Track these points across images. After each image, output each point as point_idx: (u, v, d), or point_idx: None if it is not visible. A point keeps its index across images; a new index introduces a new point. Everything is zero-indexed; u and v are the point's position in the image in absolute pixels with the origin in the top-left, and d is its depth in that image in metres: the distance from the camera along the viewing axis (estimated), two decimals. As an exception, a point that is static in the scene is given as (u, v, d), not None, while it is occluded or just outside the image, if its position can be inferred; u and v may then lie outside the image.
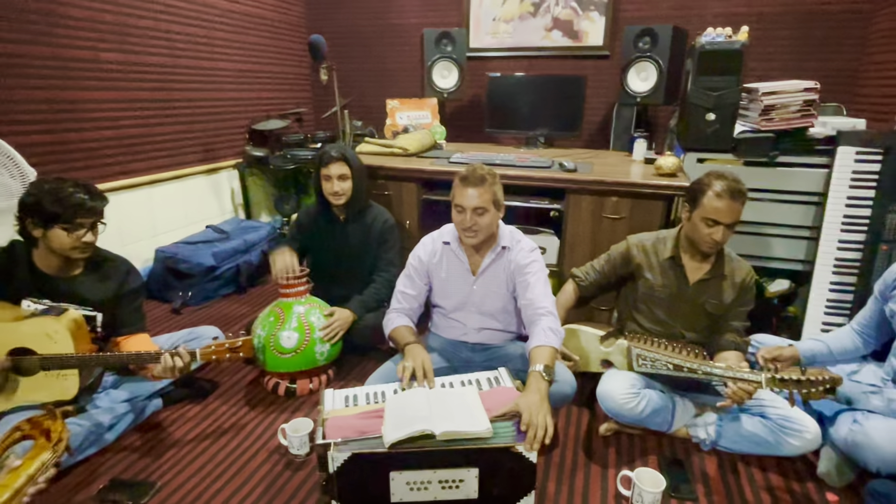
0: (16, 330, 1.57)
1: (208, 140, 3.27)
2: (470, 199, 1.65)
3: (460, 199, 1.67)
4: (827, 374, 1.43)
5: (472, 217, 1.66)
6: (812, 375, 1.43)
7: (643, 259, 1.83)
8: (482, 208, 1.66)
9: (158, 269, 2.84)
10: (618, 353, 1.82)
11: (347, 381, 2.11)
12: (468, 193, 1.65)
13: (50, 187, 1.58)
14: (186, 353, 1.63)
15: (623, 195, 2.22)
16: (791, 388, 1.46)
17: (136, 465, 1.64)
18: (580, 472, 1.63)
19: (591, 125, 3.44)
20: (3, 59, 2.13)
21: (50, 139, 2.33)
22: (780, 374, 1.47)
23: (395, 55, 3.84)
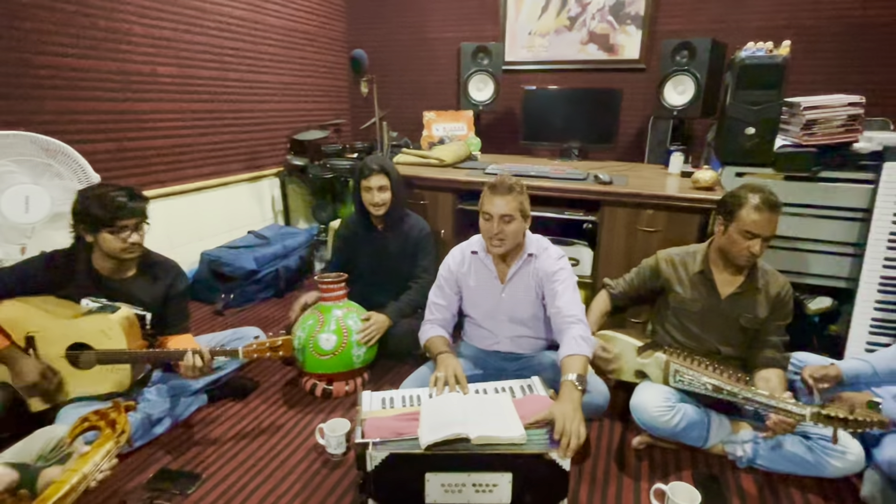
0: (75, 326, 1.68)
1: (252, 149, 3.41)
2: (497, 206, 1.69)
3: (488, 207, 1.71)
4: (876, 416, 1.38)
5: (500, 225, 1.70)
6: (860, 415, 1.38)
7: (672, 273, 1.83)
8: (509, 216, 1.69)
9: (203, 272, 2.97)
10: (654, 367, 1.81)
11: (382, 384, 2.16)
12: (496, 202, 1.69)
13: (94, 194, 1.68)
14: (207, 353, 1.70)
15: (659, 208, 2.22)
16: (837, 426, 1.42)
17: (182, 458, 1.72)
18: (612, 484, 1.63)
19: (625, 138, 3.43)
20: (74, 73, 2.29)
21: (111, 147, 2.49)
22: (826, 410, 1.42)
23: (432, 68, 3.93)
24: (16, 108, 2.09)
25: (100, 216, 1.64)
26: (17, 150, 1.83)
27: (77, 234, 1.71)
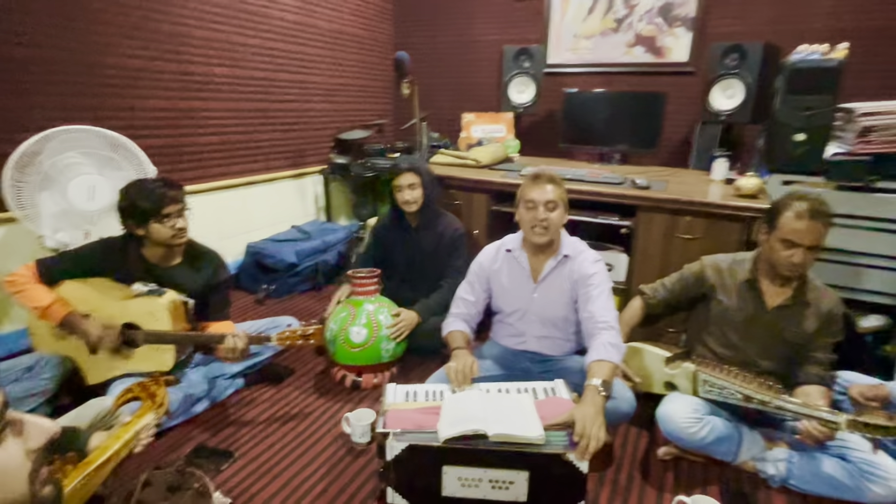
0: (126, 307, 1.81)
1: (298, 147, 3.55)
2: (542, 193, 1.70)
3: (532, 195, 1.72)
4: None
5: (545, 211, 1.70)
6: None
7: (717, 280, 1.77)
8: (553, 202, 1.70)
9: (248, 263, 3.12)
10: (683, 377, 1.77)
11: (409, 378, 2.20)
12: (540, 188, 1.71)
13: (136, 189, 1.78)
14: (245, 338, 1.78)
15: (698, 215, 2.16)
16: (876, 434, 1.35)
17: (217, 436, 1.82)
18: (634, 492, 1.60)
19: (670, 143, 3.34)
20: (138, 73, 2.47)
21: (169, 142, 2.66)
22: (862, 417, 1.36)
23: (475, 70, 3.96)
24: (86, 104, 2.28)
25: (146, 209, 1.75)
26: (86, 143, 1.99)
27: (128, 230, 1.82)
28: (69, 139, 1.94)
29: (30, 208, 1.93)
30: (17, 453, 0.51)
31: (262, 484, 1.59)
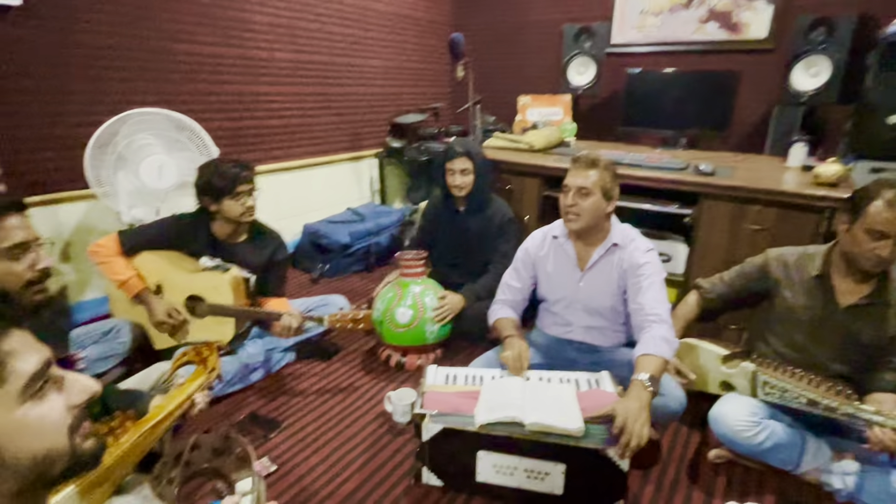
0: (194, 280, 1.93)
1: (354, 131, 3.62)
2: (576, 178, 1.63)
3: (567, 179, 1.66)
4: None
5: (575, 198, 1.64)
6: None
7: (783, 275, 1.63)
8: (587, 189, 1.62)
9: (305, 242, 3.23)
10: (741, 377, 1.65)
11: (453, 362, 2.21)
12: (575, 173, 1.64)
13: (212, 168, 1.90)
14: (300, 317, 1.85)
15: (768, 204, 2.00)
16: None
17: (269, 405, 1.92)
18: (680, 494, 1.53)
19: (743, 127, 3.10)
20: (204, 59, 2.60)
21: (231, 125, 2.79)
22: None
23: (533, 52, 3.85)
24: (157, 88, 2.43)
25: (221, 186, 1.87)
26: (156, 125, 2.13)
27: (202, 205, 1.95)
28: (141, 121, 2.07)
29: (108, 186, 2.09)
30: (58, 407, 0.56)
31: (306, 454, 1.66)
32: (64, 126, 2.17)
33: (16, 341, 0.54)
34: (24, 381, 0.53)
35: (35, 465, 0.54)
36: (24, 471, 0.53)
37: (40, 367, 0.55)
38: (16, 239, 1.09)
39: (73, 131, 2.17)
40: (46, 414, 0.55)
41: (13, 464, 0.52)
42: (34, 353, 0.55)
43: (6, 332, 0.54)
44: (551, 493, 1.39)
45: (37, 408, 0.54)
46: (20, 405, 0.53)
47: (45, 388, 0.55)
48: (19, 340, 0.55)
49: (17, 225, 1.10)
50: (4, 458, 0.52)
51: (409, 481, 1.55)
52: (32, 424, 0.54)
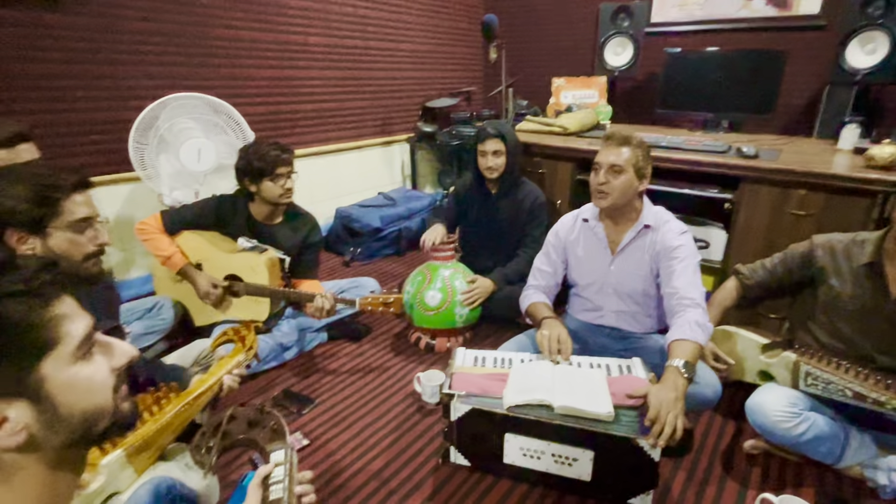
0: (232, 259, 1.99)
1: (386, 115, 3.62)
2: (607, 155, 1.59)
3: (598, 157, 1.63)
4: None
5: (606, 175, 1.60)
6: None
7: (829, 263, 1.56)
8: (618, 167, 1.58)
9: (337, 226, 3.28)
10: (781, 367, 1.60)
11: (482, 346, 2.21)
12: (606, 150, 1.60)
13: (253, 150, 1.95)
14: (332, 299, 1.89)
15: (815, 188, 1.90)
16: None
17: (302, 382, 1.97)
18: (713, 485, 1.50)
19: (790, 109, 2.95)
20: (241, 44, 2.64)
21: (266, 109, 2.84)
22: None
23: (568, 32, 3.75)
24: (195, 73, 2.49)
25: (261, 168, 1.92)
26: (195, 109, 2.18)
27: (242, 186, 2.00)
28: (181, 105, 2.13)
29: (150, 169, 2.16)
30: (103, 368, 0.60)
31: (337, 431, 1.71)
32: (109, 111, 2.25)
33: (67, 306, 0.58)
34: (77, 342, 0.57)
35: (83, 420, 0.58)
36: (75, 425, 0.57)
37: (88, 330, 0.59)
38: (81, 214, 1.16)
39: (117, 115, 2.26)
40: (94, 374, 0.59)
41: (66, 418, 0.56)
42: (83, 318, 0.59)
43: (60, 297, 0.57)
44: (579, 478, 1.39)
45: (86, 368, 0.58)
46: (73, 364, 0.57)
47: (93, 350, 0.59)
48: (70, 305, 0.58)
49: (82, 201, 1.17)
50: (59, 413, 0.55)
51: (437, 461, 1.57)
52: (83, 383, 0.57)
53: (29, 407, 0.54)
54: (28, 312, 0.53)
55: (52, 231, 1.13)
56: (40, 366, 0.54)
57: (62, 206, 1.13)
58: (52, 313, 0.55)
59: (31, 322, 0.54)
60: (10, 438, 0.52)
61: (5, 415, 0.52)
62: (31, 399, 0.54)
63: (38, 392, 0.54)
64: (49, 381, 0.54)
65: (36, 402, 0.54)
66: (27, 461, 0.55)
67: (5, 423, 0.52)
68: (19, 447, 0.53)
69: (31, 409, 0.54)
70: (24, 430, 0.53)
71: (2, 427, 0.52)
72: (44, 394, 0.54)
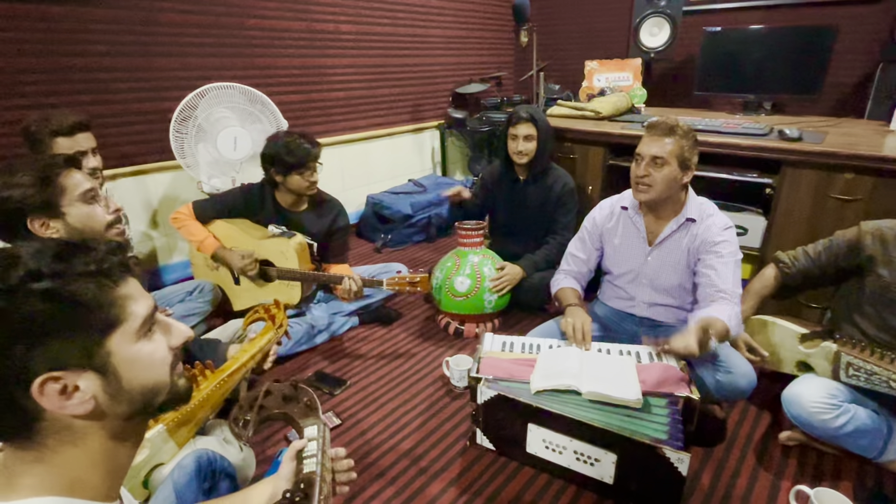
0: (262, 246, 2.05)
1: (416, 102, 3.63)
2: (650, 146, 1.53)
3: (640, 147, 1.56)
4: None
5: (647, 167, 1.54)
6: None
7: (878, 251, 1.48)
8: (662, 159, 1.51)
9: (368, 213, 3.33)
10: (821, 357, 1.54)
11: (511, 332, 2.19)
12: (649, 141, 1.54)
13: (283, 142, 1.96)
14: (360, 281, 1.92)
15: (862, 171, 1.81)
16: None
17: (334, 365, 2.03)
18: (745, 475, 1.47)
19: (839, 88, 2.80)
20: (273, 33, 2.69)
21: (299, 98, 2.89)
22: None
23: (602, 13, 3.65)
24: (231, 63, 2.55)
25: (291, 162, 1.95)
26: (231, 98, 2.24)
27: (268, 176, 2.04)
28: (218, 95, 2.19)
29: (190, 157, 2.24)
30: (162, 346, 0.65)
31: (369, 412, 1.75)
32: (151, 101, 2.34)
33: (132, 287, 0.62)
34: (141, 320, 0.61)
35: (144, 393, 0.62)
36: (136, 397, 0.62)
37: (150, 310, 0.63)
38: (85, 186, 1.23)
39: (158, 105, 2.34)
40: (154, 351, 0.63)
41: (128, 390, 0.61)
42: (145, 299, 0.63)
43: (125, 279, 0.62)
44: (601, 479, 1.36)
45: (148, 345, 0.63)
46: (136, 341, 0.61)
47: (154, 328, 0.64)
48: (134, 286, 0.63)
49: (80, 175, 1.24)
50: (122, 385, 0.60)
51: (465, 443, 1.60)
52: (144, 359, 0.62)
53: (97, 378, 0.58)
54: (99, 291, 0.58)
55: (67, 209, 1.20)
56: (108, 341, 0.58)
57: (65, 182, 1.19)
58: (120, 293, 0.60)
59: (101, 300, 0.58)
60: (81, 406, 0.57)
61: (76, 384, 0.57)
62: (98, 371, 0.58)
63: (106, 365, 0.58)
64: (115, 355, 0.59)
65: (103, 375, 0.58)
66: (94, 428, 0.60)
67: (76, 391, 0.57)
68: (88, 414, 0.58)
69: (98, 381, 0.58)
70: (92, 400, 0.58)
71: (74, 395, 0.57)
72: (110, 367, 0.59)
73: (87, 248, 0.59)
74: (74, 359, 0.56)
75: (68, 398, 0.56)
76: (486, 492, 1.43)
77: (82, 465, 0.60)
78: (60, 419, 0.57)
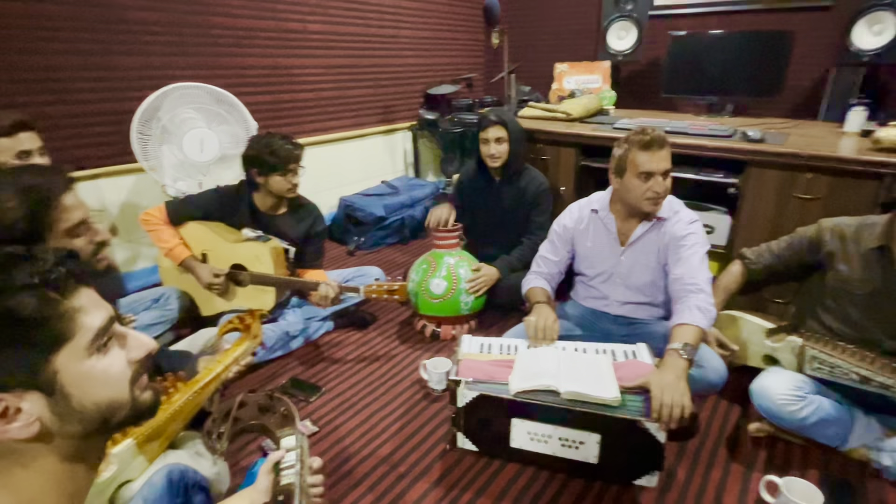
0: (236, 249, 2.00)
1: (388, 103, 3.60)
2: (659, 162, 1.56)
3: (649, 165, 1.57)
4: None
5: (663, 181, 1.58)
6: None
7: (838, 247, 1.55)
8: (670, 170, 1.58)
9: (340, 215, 3.28)
10: (786, 351, 1.60)
11: (488, 333, 2.22)
12: (658, 156, 1.56)
13: (264, 142, 1.93)
14: (337, 287, 1.89)
15: (821, 171, 1.89)
16: None
17: (309, 371, 1.98)
18: (718, 467, 1.51)
19: (796, 91, 2.93)
20: (240, 32, 2.62)
21: (268, 99, 2.83)
22: None
23: (571, 17, 3.71)
24: (196, 63, 2.48)
25: (273, 163, 1.91)
26: (197, 99, 2.17)
27: (249, 177, 1.99)
28: (183, 95, 2.12)
29: (153, 160, 2.16)
30: (120, 361, 0.60)
31: (346, 417, 1.72)
32: (111, 101, 2.24)
33: (84, 298, 0.58)
34: (92, 335, 0.57)
35: (99, 412, 0.58)
36: (90, 417, 0.57)
37: (105, 322, 0.59)
38: (76, 219, 1.12)
39: (119, 106, 2.25)
40: (110, 366, 0.59)
41: (80, 410, 0.56)
42: (101, 310, 0.59)
43: (76, 290, 0.57)
44: (586, 461, 1.40)
45: (102, 361, 0.58)
46: (88, 357, 0.57)
47: (110, 343, 0.60)
48: (88, 297, 0.58)
49: (73, 204, 1.12)
50: (72, 404, 0.56)
51: (445, 446, 1.59)
52: (98, 375, 0.58)
53: (42, 399, 0.54)
54: (42, 305, 0.54)
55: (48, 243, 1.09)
56: (54, 358, 0.54)
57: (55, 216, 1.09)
58: (68, 306, 0.56)
59: (44, 315, 0.54)
60: (25, 429, 0.53)
61: (19, 406, 0.53)
62: (44, 391, 0.54)
63: (52, 384, 0.54)
64: (63, 373, 0.55)
65: (49, 395, 0.54)
66: (43, 450, 0.56)
67: (19, 414, 0.53)
68: (34, 437, 0.54)
69: (44, 401, 0.54)
70: (37, 422, 0.54)
71: (16, 418, 0.53)
72: (57, 386, 0.55)
73: (32, 257, 0.55)
74: (15, 379, 0.52)
75: (9, 421, 0.52)
76: (471, 490, 1.44)
77: (35, 487, 0.56)
78: (3, 442, 0.53)
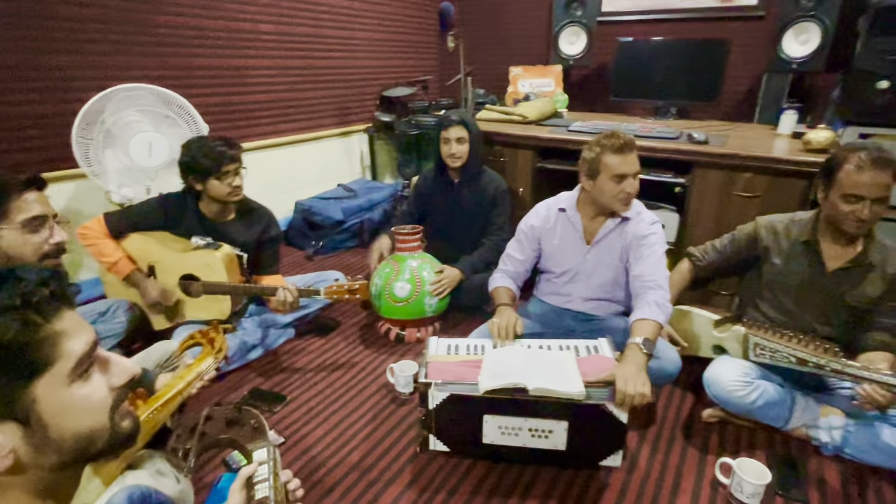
0: (186, 259, 1.91)
1: (343, 105, 3.56)
2: (632, 165, 1.64)
3: (623, 168, 1.63)
4: None
5: (633, 182, 1.65)
6: None
7: (772, 242, 1.67)
8: (639, 171, 1.66)
9: (297, 220, 3.21)
10: (733, 340, 1.71)
11: (452, 334, 2.23)
12: (629, 159, 1.64)
13: (197, 146, 1.85)
14: (296, 291, 1.85)
15: (759, 171, 2.03)
16: None
17: (271, 380, 1.93)
18: (675, 452, 1.59)
19: (733, 95, 3.12)
20: (187, 31, 2.52)
21: (219, 101, 2.73)
22: None
23: (524, 21, 3.79)
24: (140, 63, 2.36)
25: (206, 166, 1.83)
26: (143, 101, 2.07)
27: (187, 184, 1.91)
28: (128, 97, 2.02)
29: (96, 165, 2.04)
30: (101, 388, 0.56)
31: (312, 426, 1.69)
32: (46, 104, 2.10)
33: (67, 321, 0.54)
34: (74, 361, 0.53)
35: (77, 442, 0.54)
36: (68, 446, 0.54)
37: (88, 347, 0.55)
38: (33, 212, 1.12)
39: (56, 108, 2.11)
40: (91, 394, 0.55)
41: (57, 440, 0.53)
42: (83, 334, 0.55)
43: (59, 312, 0.53)
44: (555, 448, 1.44)
45: (83, 388, 0.55)
46: (69, 385, 0.53)
47: (91, 368, 0.56)
48: (70, 320, 0.54)
49: (34, 200, 1.14)
50: (49, 435, 0.52)
51: (415, 449, 1.59)
52: (77, 404, 0.54)
53: (18, 430, 0.50)
54: (22, 330, 0.50)
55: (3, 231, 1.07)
56: (33, 386, 0.50)
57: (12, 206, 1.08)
58: (50, 330, 0.52)
59: (24, 341, 0.50)
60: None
61: None
62: (20, 422, 0.50)
63: (29, 414, 0.50)
64: (41, 402, 0.51)
65: (25, 425, 0.50)
66: (14, 482, 0.52)
67: None
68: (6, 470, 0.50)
69: (20, 432, 0.50)
70: (11, 454, 0.50)
71: None
72: (34, 416, 0.51)
73: (13, 277, 0.51)
74: None
75: None
76: (444, 490, 1.45)
77: None
78: None
